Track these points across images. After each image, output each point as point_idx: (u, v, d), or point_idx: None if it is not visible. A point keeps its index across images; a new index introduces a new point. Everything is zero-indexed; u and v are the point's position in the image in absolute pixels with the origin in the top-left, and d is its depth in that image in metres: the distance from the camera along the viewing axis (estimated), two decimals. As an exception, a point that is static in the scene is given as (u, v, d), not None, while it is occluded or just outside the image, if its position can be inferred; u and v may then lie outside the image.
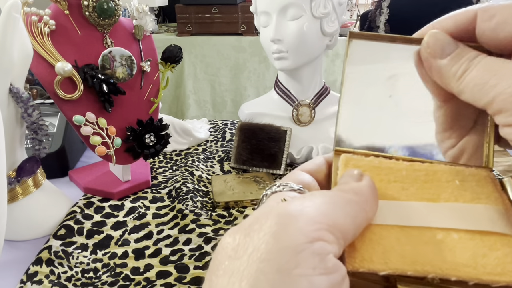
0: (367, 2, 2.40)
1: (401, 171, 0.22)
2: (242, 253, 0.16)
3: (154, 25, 0.64)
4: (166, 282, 0.46)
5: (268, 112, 0.75)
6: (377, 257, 0.18)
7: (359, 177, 0.20)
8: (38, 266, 0.47)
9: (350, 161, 0.22)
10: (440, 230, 0.19)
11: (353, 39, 0.23)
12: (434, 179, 0.21)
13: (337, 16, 0.70)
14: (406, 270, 0.17)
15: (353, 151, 0.23)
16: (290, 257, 0.16)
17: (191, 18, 1.80)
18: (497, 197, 0.20)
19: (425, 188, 0.21)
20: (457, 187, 0.21)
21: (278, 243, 0.16)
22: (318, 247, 0.16)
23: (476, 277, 0.17)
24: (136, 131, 0.61)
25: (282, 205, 0.18)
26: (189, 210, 0.58)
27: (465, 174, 0.21)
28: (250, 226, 0.18)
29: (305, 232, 0.16)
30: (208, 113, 1.89)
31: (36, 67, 0.53)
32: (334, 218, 0.17)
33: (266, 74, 1.83)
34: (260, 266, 0.16)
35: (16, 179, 0.51)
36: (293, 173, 0.23)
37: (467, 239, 0.18)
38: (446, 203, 0.20)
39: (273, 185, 0.22)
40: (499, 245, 0.18)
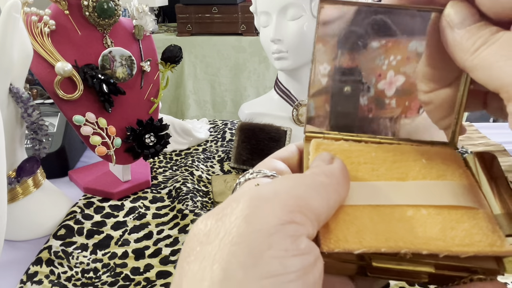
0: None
1: (370, 153, 0.22)
2: (214, 237, 0.16)
3: (154, 25, 0.64)
4: (166, 282, 0.46)
5: (268, 112, 0.75)
6: (352, 237, 0.18)
7: (330, 160, 0.20)
8: (38, 266, 0.47)
9: (320, 145, 0.22)
10: (410, 207, 0.19)
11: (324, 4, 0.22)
12: (402, 159, 0.22)
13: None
14: (380, 247, 0.18)
15: (323, 135, 0.23)
16: (262, 239, 0.15)
17: (191, 18, 1.80)
18: (461, 173, 0.21)
19: (394, 168, 0.21)
20: (424, 166, 0.21)
21: (249, 226, 0.16)
22: (291, 229, 0.16)
23: (446, 249, 0.18)
24: (136, 131, 0.61)
25: (254, 189, 0.18)
26: (189, 210, 0.58)
27: (431, 153, 0.22)
28: (222, 210, 0.17)
29: (277, 215, 0.16)
30: (208, 113, 1.89)
31: (36, 67, 0.53)
32: (307, 199, 0.17)
33: (266, 74, 1.83)
34: (232, 249, 0.15)
35: (16, 179, 0.51)
36: (266, 160, 0.23)
37: (436, 214, 0.19)
38: (414, 181, 0.21)
39: (246, 172, 0.22)
40: (465, 218, 0.19)
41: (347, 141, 0.23)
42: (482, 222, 0.19)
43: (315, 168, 0.20)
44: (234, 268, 0.15)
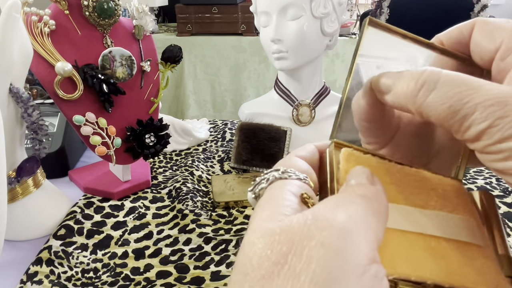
0: (367, 2, 2.40)
1: (395, 173, 0.22)
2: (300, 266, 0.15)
3: (154, 25, 0.64)
4: (166, 282, 0.46)
5: (268, 112, 0.76)
6: (386, 261, 0.18)
7: (372, 179, 0.19)
8: (38, 266, 0.47)
9: (351, 156, 0.22)
10: (432, 237, 0.20)
11: (370, 26, 0.23)
12: (422, 185, 0.22)
13: (337, 16, 0.70)
14: (410, 276, 0.18)
15: (352, 146, 0.23)
16: (355, 280, 0.15)
17: (191, 18, 1.80)
18: (470, 209, 0.22)
19: (416, 193, 0.22)
20: (441, 196, 0.22)
21: (342, 263, 0.15)
22: (375, 269, 0.16)
23: (463, 285, 0.19)
24: (136, 131, 0.61)
25: (330, 214, 0.16)
26: (189, 210, 0.58)
27: (445, 184, 0.23)
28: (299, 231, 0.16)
29: (365, 253, 0.15)
30: (208, 113, 1.89)
31: (36, 67, 0.53)
32: (377, 233, 0.17)
33: (266, 74, 1.83)
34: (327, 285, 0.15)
35: (16, 179, 0.51)
36: (290, 159, 0.22)
37: (454, 247, 0.20)
38: (434, 210, 0.21)
39: (273, 169, 0.21)
40: (476, 256, 0.20)
41: (373, 156, 0.23)
42: (490, 261, 0.20)
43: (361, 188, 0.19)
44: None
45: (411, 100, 0.19)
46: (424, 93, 0.18)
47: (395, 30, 0.23)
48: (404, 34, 0.23)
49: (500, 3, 2.57)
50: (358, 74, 0.23)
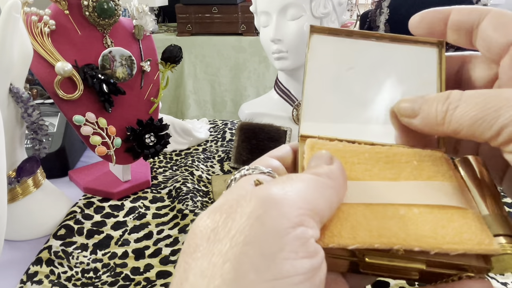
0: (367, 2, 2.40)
1: (364, 154, 0.23)
2: (224, 235, 0.16)
3: (154, 25, 0.64)
4: (166, 282, 0.46)
5: (268, 112, 0.76)
6: (346, 232, 0.18)
7: (329, 160, 0.21)
8: (38, 266, 0.47)
9: (315, 145, 0.23)
10: (402, 206, 0.20)
11: (313, 33, 0.24)
12: (394, 160, 0.22)
13: (337, 16, 0.70)
14: (374, 243, 0.18)
15: (318, 136, 0.24)
16: (275, 241, 0.16)
17: (191, 18, 1.80)
18: (451, 175, 0.22)
19: (387, 168, 0.22)
20: (415, 167, 0.22)
21: (262, 226, 0.16)
22: (300, 232, 0.16)
23: (437, 247, 0.18)
24: (136, 131, 0.61)
25: (263, 188, 0.18)
26: (189, 210, 0.58)
27: (421, 155, 0.23)
28: (230, 207, 0.17)
29: (289, 217, 0.16)
30: (208, 113, 1.89)
31: (36, 67, 0.53)
32: (314, 203, 0.18)
33: (266, 74, 1.83)
34: (244, 248, 0.16)
35: (16, 179, 0.51)
36: (261, 158, 0.24)
37: (427, 213, 0.20)
38: (406, 181, 0.21)
39: (242, 168, 0.22)
40: (455, 217, 0.19)
41: (341, 142, 0.24)
42: (472, 221, 0.19)
43: (316, 168, 0.20)
44: (246, 268, 0.15)
45: (441, 121, 0.20)
46: (451, 112, 0.19)
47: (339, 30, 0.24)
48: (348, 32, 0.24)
49: (500, 3, 2.57)
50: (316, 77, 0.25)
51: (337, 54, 0.25)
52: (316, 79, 0.25)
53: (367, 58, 0.25)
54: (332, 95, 0.25)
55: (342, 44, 0.25)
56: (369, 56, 0.25)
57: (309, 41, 0.25)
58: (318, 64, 0.25)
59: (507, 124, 0.18)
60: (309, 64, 0.25)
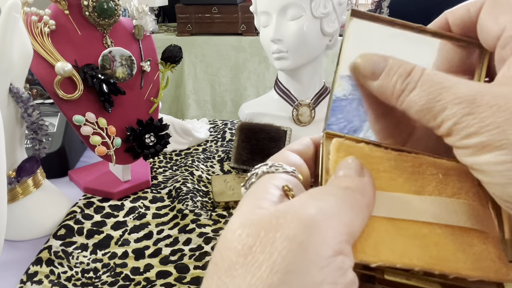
0: (367, 2, 2.40)
1: (390, 161, 0.22)
2: (263, 258, 0.15)
3: (154, 25, 0.64)
4: (166, 282, 0.46)
5: (268, 112, 0.75)
6: (369, 249, 0.18)
7: (360, 171, 0.20)
8: (38, 266, 0.47)
9: (342, 146, 0.22)
10: (426, 224, 0.20)
11: (353, 17, 0.23)
12: (420, 171, 0.22)
13: (337, 16, 0.70)
14: (396, 263, 0.18)
15: (344, 135, 0.23)
16: (317, 271, 0.15)
17: (191, 18, 1.80)
18: (474, 193, 0.21)
19: (412, 180, 0.21)
20: (440, 181, 0.21)
21: (305, 255, 0.15)
22: (340, 261, 0.16)
23: (456, 271, 0.18)
24: (136, 131, 0.61)
25: (303, 208, 0.17)
26: (189, 210, 0.58)
27: (447, 168, 0.22)
28: (269, 225, 0.16)
29: (331, 245, 0.16)
30: (208, 113, 1.89)
31: (36, 67, 0.53)
32: (352, 226, 0.17)
33: (266, 74, 1.83)
34: (286, 277, 0.15)
35: (16, 179, 0.51)
36: (281, 153, 0.23)
37: (449, 233, 0.19)
38: (430, 196, 0.21)
39: (262, 164, 0.21)
40: (476, 242, 0.19)
41: (367, 145, 0.22)
42: (491, 248, 0.19)
43: (347, 180, 0.19)
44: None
45: (395, 98, 0.20)
46: (406, 93, 0.19)
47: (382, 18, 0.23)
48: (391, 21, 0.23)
49: (500, 3, 2.57)
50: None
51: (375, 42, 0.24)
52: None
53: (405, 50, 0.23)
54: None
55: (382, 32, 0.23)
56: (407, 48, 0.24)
57: (347, 25, 0.23)
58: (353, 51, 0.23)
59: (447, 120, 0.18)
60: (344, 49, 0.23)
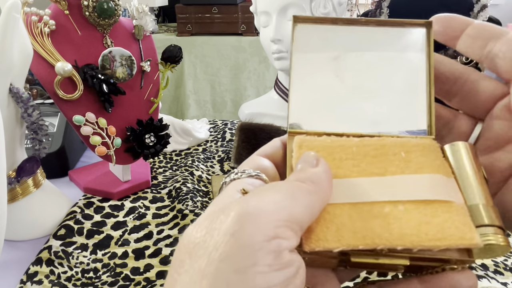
0: (367, 2, 2.40)
1: (351, 148, 0.22)
2: (203, 251, 0.17)
3: (154, 25, 0.64)
4: (166, 282, 0.46)
5: (268, 112, 0.76)
6: (331, 236, 0.19)
7: (316, 162, 0.21)
8: (38, 266, 0.47)
9: (303, 142, 0.23)
10: (388, 203, 0.20)
11: (297, 23, 0.24)
12: (382, 153, 0.22)
13: (337, 16, 0.70)
14: (358, 245, 0.18)
15: (306, 132, 0.24)
16: (248, 256, 0.16)
17: (191, 18, 1.80)
18: (439, 165, 0.21)
19: (374, 162, 0.22)
20: (403, 159, 0.22)
21: (236, 242, 0.16)
22: (275, 244, 0.17)
23: (419, 244, 0.18)
24: (136, 131, 0.61)
25: (242, 202, 0.18)
26: (189, 210, 0.58)
27: (410, 145, 0.22)
28: (211, 222, 0.18)
29: (263, 231, 0.17)
30: (208, 113, 1.89)
31: (36, 67, 0.53)
32: (292, 213, 0.18)
33: (266, 74, 1.83)
34: (219, 265, 0.16)
35: (16, 179, 0.51)
36: (251, 158, 0.23)
37: (412, 209, 0.20)
38: (393, 176, 0.21)
39: (231, 172, 0.22)
40: (439, 212, 0.19)
41: (329, 136, 0.23)
42: (455, 215, 0.19)
43: (301, 172, 0.20)
44: (220, 285, 0.16)
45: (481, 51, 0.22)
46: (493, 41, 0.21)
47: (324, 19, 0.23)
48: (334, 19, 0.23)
49: (500, 3, 2.57)
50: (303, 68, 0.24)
51: (323, 43, 0.24)
52: (302, 71, 0.24)
53: (354, 44, 0.24)
54: (320, 86, 0.24)
55: (328, 32, 0.24)
56: (356, 42, 0.24)
57: (293, 32, 0.24)
58: (304, 55, 0.24)
59: None
60: (294, 57, 0.24)
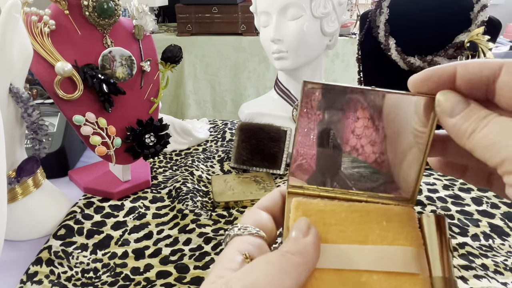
0: (367, 2, 2.40)
1: (341, 214, 0.24)
2: None
3: (154, 25, 0.64)
4: (166, 282, 0.46)
5: (268, 112, 0.76)
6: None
7: (307, 230, 0.23)
8: (38, 266, 0.47)
9: (300, 204, 0.25)
10: (365, 272, 0.22)
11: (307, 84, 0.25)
12: (366, 220, 0.24)
13: (337, 16, 0.70)
14: None
15: (304, 191, 0.26)
16: None
17: (191, 18, 1.80)
18: (413, 237, 0.24)
19: (358, 230, 0.24)
20: (383, 228, 0.24)
21: None
22: None
23: None
24: (136, 131, 0.61)
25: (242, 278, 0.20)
26: (189, 210, 0.58)
27: (391, 214, 0.25)
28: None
29: None
30: (208, 113, 1.89)
31: (36, 67, 0.53)
32: (283, 285, 0.20)
33: (266, 74, 1.83)
34: None
35: (16, 179, 0.51)
36: (252, 212, 0.26)
37: (384, 280, 0.22)
38: (373, 245, 0.23)
39: (234, 226, 0.24)
40: (407, 284, 0.22)
41: (322, 200, 0.25)
42: (419, 287, 0.22)
43: (293, 243, 0.22)
44: None
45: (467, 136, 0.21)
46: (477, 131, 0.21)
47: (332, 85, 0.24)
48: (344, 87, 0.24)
49: (500, 3, 2.57)
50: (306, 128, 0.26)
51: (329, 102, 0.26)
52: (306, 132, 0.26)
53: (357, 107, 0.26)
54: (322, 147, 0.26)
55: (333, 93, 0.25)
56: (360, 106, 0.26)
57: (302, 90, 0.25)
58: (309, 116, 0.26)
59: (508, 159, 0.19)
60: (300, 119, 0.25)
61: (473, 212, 0.60)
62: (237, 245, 0.23)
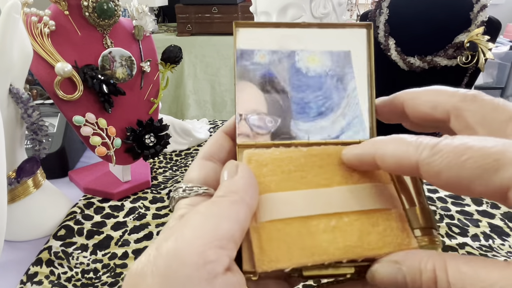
0: (367, 2, 2.40)
1: (299, 159, 0.22)
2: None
3: (154, 25, 0.64)
4: (166, 283, 0.46)
5: (268, 112, 0.75)
6: (282, 256, 0.19)
7: (234, 170, 0.20)
8: (38, 266, 0.47)
9: (253, 156, 0.22)
10: (334, 215, 0.20)
11: (239, 28, 0.24)
12: (328, 162, 0.22)
13: (337, 16, 0.70)
14: (306, 263, 0.19)
15: (255, 143, 0.23)
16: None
17: (191, 18, 1.80)
18: (379, 173, 0.22)
19: (321, 173, 0.22)
20: (347, 169, 0.22)
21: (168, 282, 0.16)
22: (205, 272, 0.16)
23: (362, 255, 0.19)
24: (136, 132, 0.61)
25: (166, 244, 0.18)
26: (189, 210, 0.58)
27: None
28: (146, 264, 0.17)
29: (190, 264, 0.16)
30: (208, 113, 1.89)
31: (36, 67, 0.53)
32: (217, 231, 0.17)
33: (266, 74, 1.83)
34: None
35: (16, 180, 0.51)
36: (196, 164, 0.23)
37: (355, 220, 0.20)
38: (338, 186, 0.21)
39: (178, 187, 0.22)
40: (380, 221, 0.20)
41: (277, 148, 0.23)
42: (394, 222, 0.20)
43: (221, 188, 0.20)
44: None
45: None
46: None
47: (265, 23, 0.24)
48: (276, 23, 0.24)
49: (500, 3, 2.57)
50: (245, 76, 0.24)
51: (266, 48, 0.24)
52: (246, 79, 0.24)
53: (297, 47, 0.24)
54: (265, 94, 0.24)
55: (270, 36, 0.24)
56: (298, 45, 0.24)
57: (235, 38, 0.24)
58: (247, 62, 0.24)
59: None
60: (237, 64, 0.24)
61: (473, 212, 0.60)
62: (183, 205, 0.21)
